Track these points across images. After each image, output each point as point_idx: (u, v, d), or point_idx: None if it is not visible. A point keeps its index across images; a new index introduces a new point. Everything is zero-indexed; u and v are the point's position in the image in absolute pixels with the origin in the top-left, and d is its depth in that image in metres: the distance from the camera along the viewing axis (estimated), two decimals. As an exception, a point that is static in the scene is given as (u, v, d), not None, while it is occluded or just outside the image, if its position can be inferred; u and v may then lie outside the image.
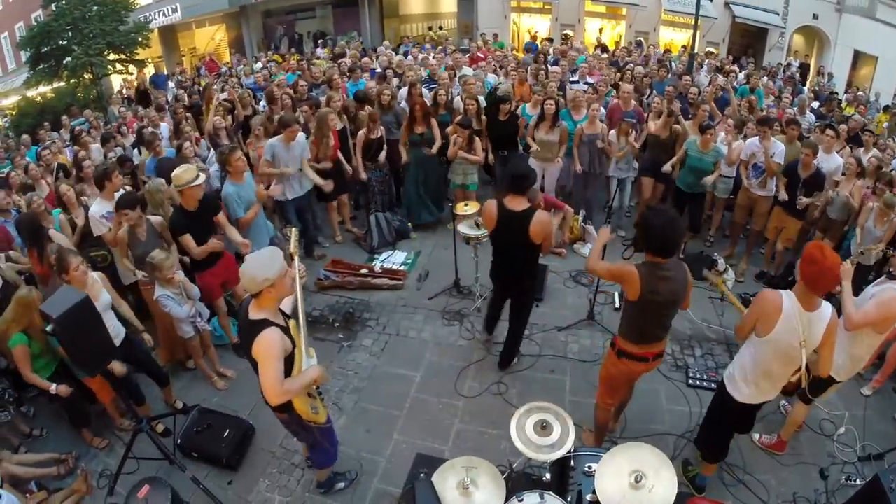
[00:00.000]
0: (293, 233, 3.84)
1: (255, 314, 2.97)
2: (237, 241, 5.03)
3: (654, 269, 3.36)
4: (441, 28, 21.82)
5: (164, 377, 4.78)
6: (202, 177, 4.77)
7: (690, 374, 4.93)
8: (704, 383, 4.85)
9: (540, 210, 4.20)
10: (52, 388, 4.10)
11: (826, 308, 3.07)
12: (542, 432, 2.86)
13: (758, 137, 6.05)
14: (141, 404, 4.63)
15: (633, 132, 6.68)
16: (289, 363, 3.01)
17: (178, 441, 4.43)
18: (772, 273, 6.32)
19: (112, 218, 4.96)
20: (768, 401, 3.50)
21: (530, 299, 4.82)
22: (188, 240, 4.74)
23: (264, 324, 2.91)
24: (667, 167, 6.42)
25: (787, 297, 3.05)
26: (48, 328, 3.39)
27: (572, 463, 3.37)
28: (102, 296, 4.20)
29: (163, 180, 5.10)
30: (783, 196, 5.77)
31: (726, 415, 3.57)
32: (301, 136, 6.24)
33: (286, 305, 3.28)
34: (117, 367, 4.07)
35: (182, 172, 4.63)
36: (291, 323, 3.19)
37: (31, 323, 4.05)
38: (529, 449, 2.88)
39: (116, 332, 4.30)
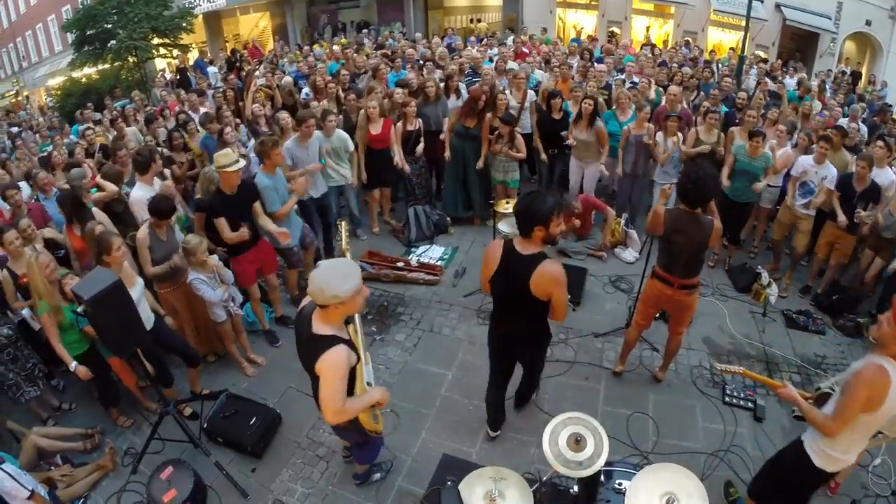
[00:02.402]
0: (343, 227, 3.78)
1: (320, 328, 2.76)
2: (272, 230, 5.03)
3: (679, 216, 4.04)
4: (479, 20, 21.65)
5: (194, 358, 4.76)
6: (241, 162, 4.76)
7: (727, 392, 4.74)
8: (741, 402, 4.66)
9: (551, 261, 3.31)
10: (72, 365, 4.11)
11: None
12: (575, 447, 2.75)
13: (812, 157, 5.75)
14: (168, 386, 4.67)
15: (680, 135, 6.44)
16: (351, 375, 2.87)
17: (205, 425, 4.46)
18: (818, 290, 6.06)
19: None
20: None
21: (541, 355, 4.08)
22: (223, 223, 4.75)
23: (333, 340, 2.73)
24: (725, 182, 6.01)
25: (888, 364, 2.75)
26: (79, 309, 3.40)
27: (602, 478, 3.29)
28: (138, 282, 4.23)
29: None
30: (842, 219, 5.50)
31: (806, 486, 3.29)
32: (318, 133, 6.13)
33: None
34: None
35: (221, 156, 4.65)
36: (350, 328, 3.04)
37: (45, 289, 4.04)
38: (560, 462, 2.76)
39: (146, 317, 4.30)
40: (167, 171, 5.97)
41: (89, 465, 4.30)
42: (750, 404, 4.63)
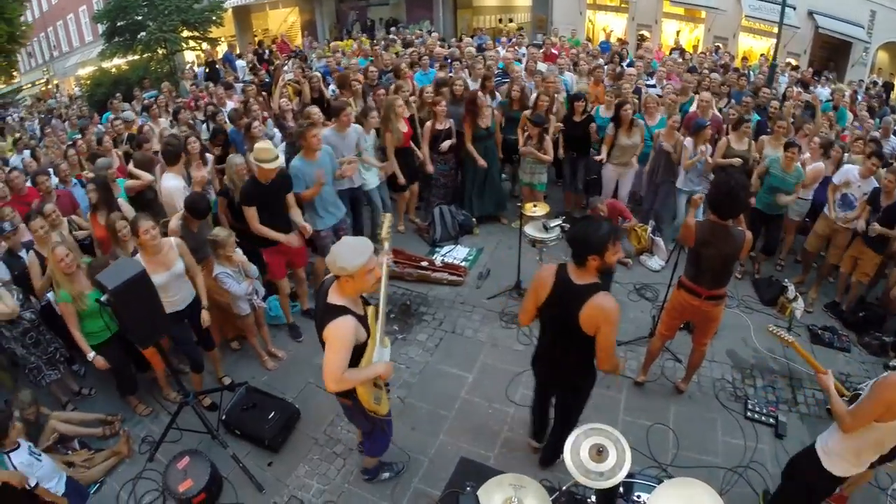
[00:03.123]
0: (387, 218, 3.78)
1: (334, 298, 2.94)
2: (298, 222, 5.02)
3: (710, 228, 3.98)
4: (511, 20, 21.58)
5: (210, 343, 4.80)
6: (280, 160, 4.77)
7: (749, 406, 4.65)
8: (763, 417, 4.57)
9: (605, 294, 3.12)
10: (90, 355, 4.16)
11: None
12: (597, 457, 2.71)
13: (858, 169, 5.57)
14: (199, 371, 4.70)
15: (709, 146, 6.30)
16: (359, 352, 2.98)
17: (224, 417, 4.48)
18: (843, 307, 5.91)
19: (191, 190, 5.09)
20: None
21: (579, 401, 3.72)
22: (253, 212, 4.73)
23: (341, 311, 2.89)
24: (755, 181, 5.94)
25: None
26: (102, 298, 3.43)
27: (621, 489, 3.24)
28: (177, 263, 4.23)
29: (242, 159, 5.11)
30: (861, 226, 5.39)
31: (822, 493, 3.28)
32: (357, 125, 6.09)
33: None
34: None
35: (261, 150, 4.62)
36: (370, 310, 3.14)
37: (63, 279, 4.06)
38: (580, 472, 2.72)
39: (184, 295, 4.36)
40: (208, 156, 6.00)
41: (105, 450, 4.35)
42: (772, 420, 4.54)
